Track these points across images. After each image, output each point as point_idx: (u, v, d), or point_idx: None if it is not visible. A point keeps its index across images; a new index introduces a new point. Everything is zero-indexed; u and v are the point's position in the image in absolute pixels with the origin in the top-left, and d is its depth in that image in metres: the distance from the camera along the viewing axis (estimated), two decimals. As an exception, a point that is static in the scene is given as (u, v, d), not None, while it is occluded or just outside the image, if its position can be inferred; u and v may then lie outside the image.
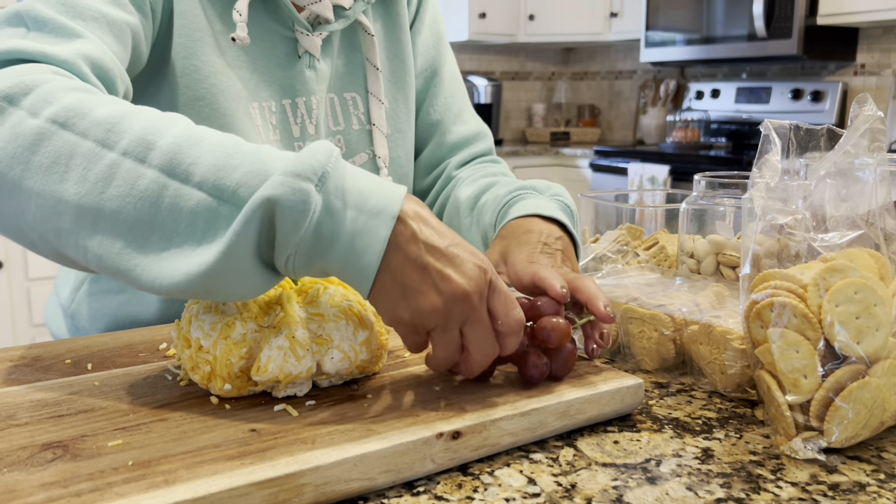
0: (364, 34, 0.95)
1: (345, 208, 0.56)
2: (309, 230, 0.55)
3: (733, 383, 0.68)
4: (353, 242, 0.56)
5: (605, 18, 4.00)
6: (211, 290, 0.57)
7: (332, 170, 0.56)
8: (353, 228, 0.56)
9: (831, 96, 3.28)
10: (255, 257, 0.56)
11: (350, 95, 0.96)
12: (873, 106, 0.61)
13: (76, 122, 0.59)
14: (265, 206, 0.54)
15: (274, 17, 0.88)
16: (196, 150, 0.57)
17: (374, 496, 0.53)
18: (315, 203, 0.55)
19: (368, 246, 0.56)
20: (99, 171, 0.57)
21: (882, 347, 0.57)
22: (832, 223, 0.61)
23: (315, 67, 0.92)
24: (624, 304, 0.76)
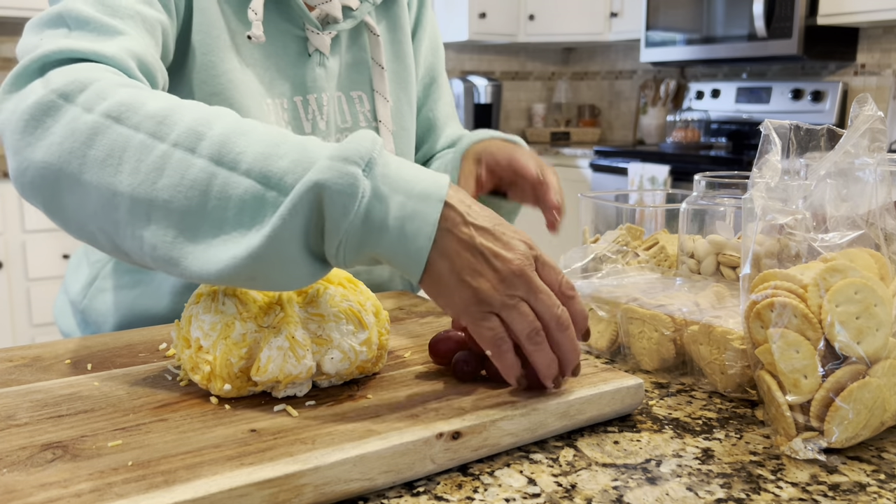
0: (370, 34, 0.98)
1: (393, 193, 0.57)
2: (358, 215, 0.56)
3: (733, 383, 0.68)
4: (404, 227, 0.57)
5: (605, 18, 4.00)
6: (256, 277, 0.57)
7: (377, 156, 0.57)
8: (403, 213, 0.57)
9: (831, 96, 3.28)
10: (303, 245, 0.57)
11: (356, 94, 0.99)
12: (873, 106, 0.61)
13: (129, 116, 0.60)
14: (313, 190, 0.55)
15: (286, 17, 0.91)
16: (244, 139, 0.59)
17: (374, 496, 0.53)
18: (363, 187, 0.56)
19: (419, 230, 0.57)
20: (151, 162, 0.59)
21: (882, 347, 0.57)
22: (832, 223, 0.61)
23: (325, 65, 0.94)
24: (624, 305, 0.76)
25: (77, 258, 1.03)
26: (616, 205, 0.98)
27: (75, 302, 0.98)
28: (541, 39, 4.14)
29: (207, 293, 0.63)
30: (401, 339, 0.77)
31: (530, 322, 0.59)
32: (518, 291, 0.59)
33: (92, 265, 0.97)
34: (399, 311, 0.88)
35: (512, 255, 0.59)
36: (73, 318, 1.01)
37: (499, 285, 0.58)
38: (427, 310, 0.88)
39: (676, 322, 0.72)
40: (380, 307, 0.67)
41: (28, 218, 2.76)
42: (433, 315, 0.86)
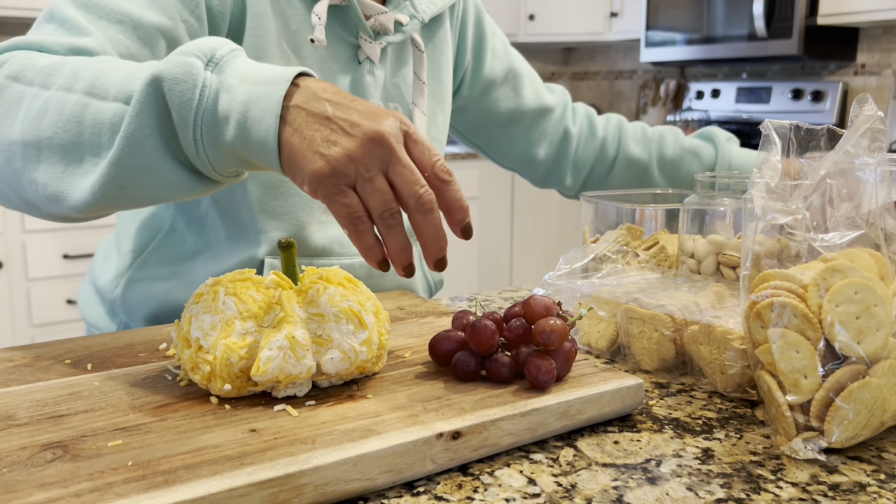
0: (415, 50, 1.02)
1: (241, 83, 0.57)
2: (206, 106, 0.57)
3: (733, 383, 0.68)
4: (248, 111, 0.57)
5: (605, 18, 4.00)
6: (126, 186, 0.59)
7: (225, 54, 0.59)
8: (248, 98, 0.57)
9: (831, 96, 3.28)
10: (161, 146, 0.59)
11: (393, 105, 1.02)
12: (873, 106, 0.61)
13: (24, 73, 0.65)
14: (153, 83, 0.57)
15: (342, 24, 0.94)
16: (116, 73, 0.61)
17: (374, 496, 0.53)
18: (204, 77, 0.57)
19: (264, 110, 0.56)
20: (37, 108, 0.63)
21: (882, 347, 0.57)
22: (832, 223, 0.61)
23: (374, 74, 0.98)
24: (624, 305, 0.76)
25: (105, 249, 1.04)
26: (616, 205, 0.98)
27: (104, 291, 0.99)
28: (541, 39, 4.14)
29: (208, 293, 0.63)
30: (401, 339, 0.77)
31: (385, 199, 0.56)
32: (375, 162, 0.55)
33: (123, 255, 0.98)
34: (399, 311, 0.88)
35: (370, 121, 0.55)
36: (100, 307, 1.02)
37: (355, 154, 0.55)
38: (427, 310, 0.88)
39: (676, 322, 0.72)
40: (380, 307, 0.67)
41: (28, 218, 2.76)
42: (433, 315, 0.86)
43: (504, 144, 1.23)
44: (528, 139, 1.22)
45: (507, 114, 1.19)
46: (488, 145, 1.24)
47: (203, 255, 0.94)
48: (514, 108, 1.19)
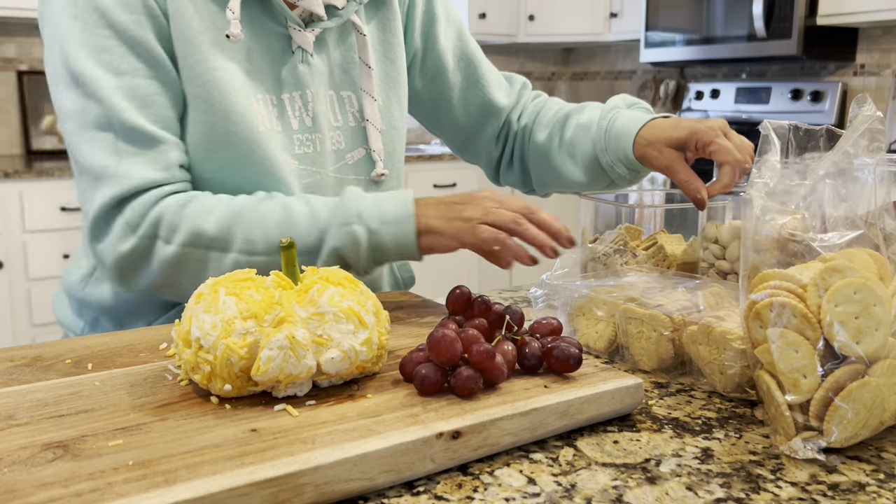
0: (357, 34, 0.99)
1: (381, 226, 0.85)
2: (366, 251, 0.85)
3: (733, 383, 0.68)
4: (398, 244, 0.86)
5: (604, 19, 4.00)
6: None
7: (363, 208, 0.85)
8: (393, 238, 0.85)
9: (831, 96, 3.28)
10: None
11: (346, 94, 1.01)
12: (872, 106, 0.61)
13: (198, 241, 0.85)
14: (334, 253, 0.85)
15: (268, 15, 0.93)
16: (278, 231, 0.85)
17: (374, 496, 0.53)
18: (361, 235, 0.85)
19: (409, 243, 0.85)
20: (227, 268, 0.84)
21: (881, 347, 0.57)
22: (831, 223, 0.61)
23: (308, 62, 0.96)
24: (622, 305, 0.76)
25: (76, 255, 1.06)
26: (615, 205, 0.98)
27: (73, 290, 1.01)
28: (540, 40, 4.14)
29: (208, 293, 0.63)
30: (401, 339, 0.77)
31: (508, 214, 0.83)
32: (489, 205, 0.84)
33: (91, 259, 1.00)
34: (399, 311, 0.88)
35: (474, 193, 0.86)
36: (69, 308, 1.04)
37: (473, 208, 0.84)
38: (427, 310, 0.88)
39: (675, 322, 0.72)
40: (380, 307, 0.67)
41: (29, 218, 2.76)
42: (433, 315, 0.86)
43: (451, 134, 1.20)
44: (475, 133, 1.19)
45: (455, 103, 1.15)
46: (440, 132, 1.21)
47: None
48: (463, 98, 1.15)
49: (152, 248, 0.85)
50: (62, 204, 2.81)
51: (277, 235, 0.84)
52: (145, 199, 0.85)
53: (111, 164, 0.85)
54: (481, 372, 0.62)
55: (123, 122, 0.85)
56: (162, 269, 0.86)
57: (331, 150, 0.98)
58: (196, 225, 0.84)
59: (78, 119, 0.86)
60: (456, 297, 0.73)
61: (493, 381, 0.63)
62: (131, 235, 0.85)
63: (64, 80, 0.86)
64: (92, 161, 0.85)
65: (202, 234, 0.84)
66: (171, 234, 0.84)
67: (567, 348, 0.65)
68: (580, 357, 0.65)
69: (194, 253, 0.85)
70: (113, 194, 0.84)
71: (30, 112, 3.25)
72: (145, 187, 0.85)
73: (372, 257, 0.86)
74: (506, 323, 0.70)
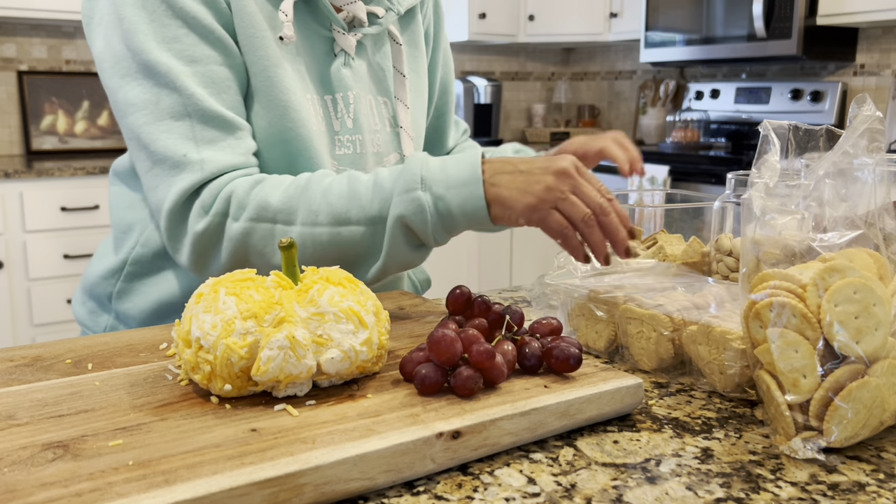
0: (392, 43, 1.03)
1: (446, 191, 0.80)
2: (434, 218, 0.81)
3: (732, 383, 0.68)
4: (464, 208, 0.80)
5: (605, 19, 4.00)
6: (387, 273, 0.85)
7: (426, 173, 0.81)
8: (460, 201, 0.80)
9: (831, 96, 3.28)
10: (408, 247, 0.83)
11: (382, 99, 1.04)
12: (872, 106, 0.61)
13: (263, 214, 0.84)
14: (399, 221, 0.81)
15: (313, 17, 0.95)
16: (342, 202, 0.83)
17: (374, 496, 0.53)
18: (427, 201, 0.80)
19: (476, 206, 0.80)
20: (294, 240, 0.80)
21: (881, 347, 0.57)
22: (831, 223, 0.61)
23: (350, 65, 0.98)
24: (622, 305, 0.76)
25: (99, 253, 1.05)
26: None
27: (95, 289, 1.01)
28: (541, 40, 4.14)
29: (208, 293, 0.63)
30: (401, 339, 0.77)
31: (581, 209, 0.77)
32: (566, 187, 0.77)
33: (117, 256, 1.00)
34: (399, 311, 0.88)
35: (554, 163, 0.78)
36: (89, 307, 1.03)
37: (551, 185, 0.77)
38: (427, 310, 0.88)
39: (675, 322, 0.72)
40: (380, 307, 0.67)
41: (29, 218, 2.76)
42: (433, 315, 0.86)
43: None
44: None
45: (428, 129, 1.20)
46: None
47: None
48: (431, 125, 1.20)
49: (223, 225, 0.85)
50: (62, 204, 2.81)
51: (340, 207, 0.83)
52: (221, 181, 0.86)
53: (190, 152, 0.85)
54: (481, 372, 0.62)
55: (201, 109, 0.85)
56: (230, 247, 0.85)
57: (371, 152, 1.00)
58: (262, 199, 0.84)
59: (150, 110, 0.85)
60: (456, 297, 0.74)
61: (493, 381, 0.63)
62: (204, 216, 0.85)
63: (131, 73, 0.85)
64: (169, 150, 0.85)
65: (268, 206, 0.84)
66: (240, 212, 0.84)
67: (567, 348, 0.65)
68: (580, 357, 0.65)
69: (260, 227, 0.84)
70: (193, 181, 0.84)
71: (30, 112, 3.25)
72: (223, 172, 0.86)
73: (441, 225, 0.81)
74: (506, 323, 0.70)
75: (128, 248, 0.98)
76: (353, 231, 0.83)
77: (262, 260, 0.85)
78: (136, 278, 0.98)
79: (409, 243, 0.82)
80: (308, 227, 0.83)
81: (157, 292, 0.97)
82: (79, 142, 3.35)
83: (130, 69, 0.85)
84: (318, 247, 0.83)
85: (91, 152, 3.38)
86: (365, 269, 0.85)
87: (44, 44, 3.29)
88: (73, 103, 3.33)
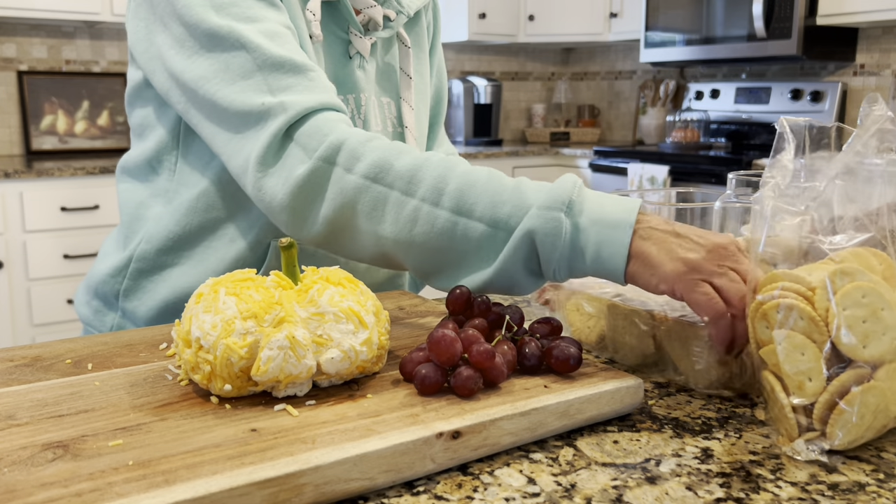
0: (401, 45, 1.04)
1: (591, 226, 0.70)
2: (565, 247, 0.70)
3: (705, 379, 0.69)
4: (601, 250, 0.69)
5: (604, 19, 4.00)
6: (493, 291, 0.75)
7: (576, 197, 0.71)
8: (599, 240, 0.69)
9: (831, 96, 3.28)
10: (524, 270, 0.73)
11: (385, 100, 1.04)
12: (883, 105, 0.61)
13: (383, 176, 0.77)
14: (528, 235, 0.71)
15: (332, 18, 0.96)
16: (473, 191, 0.74)
17: (374, 496, 0.53)
18: (565, 226, 0.70)
19: (614, 253, 0.69)
20: (406, 215, 0.76)
21: (888, 352, 0.56)
22: (840, 224, 0.61)
23: (364, 68, 1.00)
24: (608, 301, 0.77)
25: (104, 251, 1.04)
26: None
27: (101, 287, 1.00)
28: (541, 40, 4.14)
29: (208, 293, 0.63)
30: (401, 339, 0.77)
31: (740, 287, 0.65)
32: (727, 262, 0.66)
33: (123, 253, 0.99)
34: (399, 311, 0.88)
35: (716, 237, 0.67)
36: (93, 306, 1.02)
37: (708, 256, 0.66)
38: (427, 310, 0.88)
39: (655, 318, 0.73)
40: (380, 307, 0.67)
41: (29, 218, 2.76)
42: (433, 315, 0.86)
43: None
44: None
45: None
46: None
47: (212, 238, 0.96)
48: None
49: (329, 174, 0.78)
50: (62, 204, 2.81)
51: (469, 196, 0.74)
52: (317, 122, 0.80)
53: (268, 100, 0.81)
54: (481, 372, 0.62)
55: (269, 58, 0.82)
56: (339, 200, 0.77)
57: None
58: (383, 158, 0.77)
59: (220, 77, 0.83)
60: (456, 297, 0.73)
61: (493, 381, 0.63)
62: (307, 159, 0.78)
63: (196, 50, 0.84)
64: (246, 104, 0.81)
65: (390, 168, 0.76)
66: (354, 163, 0.77)
67: (567, 348, 0.65)
68: (580, 357, 0.65)
69: (374, 188, 0.76)
70: (279, 124, 0.79)
71: (30, 112, 3.25)
72: (311, 110, 0.81)
73: (568, 260, 0.71)
74: (506, 323, 0.70)
75: (134, 243, 0.97)
76: (472, 228, 0.74)
77: (368, 224, 0.77)
78: (143, 275, 0.97)
79: (526, 265, 0.73)
80: (427, 206, 0.75)
81: (164, 290, 0.96)
82: (79, 142, 3.35)
83: (194, 47, 0.84)
84: (428, 229, 0.75)
85: (91, 152, 3.38)
86: (467, 274, 0.76)
87: (44, 44, 3.29)
88: (72, 103, 3.33)
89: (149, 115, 0.96)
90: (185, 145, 0.94)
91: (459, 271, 0.76)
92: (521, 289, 0.75)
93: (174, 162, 0.95)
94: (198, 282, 0.95)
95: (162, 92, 0.90)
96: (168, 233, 0.95)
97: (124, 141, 3.43)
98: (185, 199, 0.94)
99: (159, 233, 0.95)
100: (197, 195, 0.93)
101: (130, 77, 0.98)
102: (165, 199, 0.96)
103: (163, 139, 0.95)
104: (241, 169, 0.83)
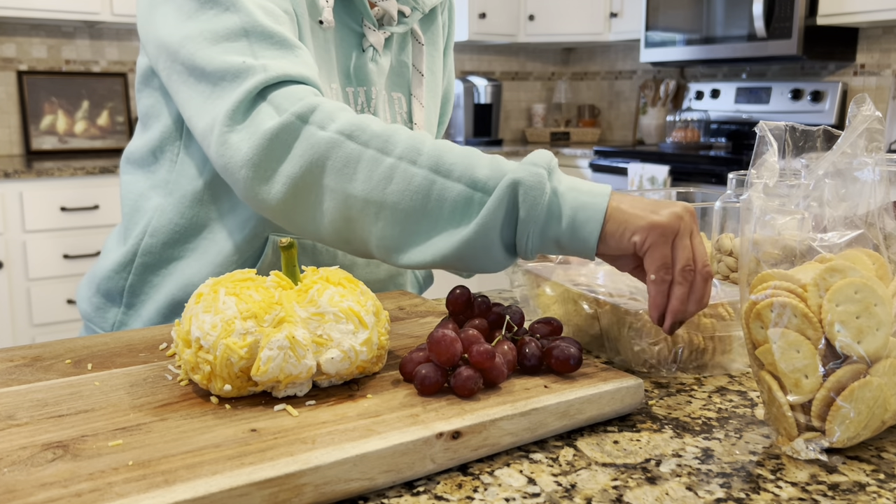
0: (414, 42, 1.05)
1: (568, 191, 0.70)
2: (543, 207, 0.69)
3: (640, 360, 0.74)
4: (577, 214, 0.69)
5: (605, 18, 4.00)
6: (462, 260, 0.72)
7: (554, 166, 0.72)
8: (577, 204, 0.70)
9: (831, 96, 3.28)
10: (499, 235, 0.71)
11: (396, 95, 1.05)
12: (871, 106, 0.61)
13: (358, 134, 0.74)
14: (512, 186, 0.69)
15: (346, 11, 0.97)
16: (451, 154, 0.73)
17: (374, 496, 0.53)
18: (546, 184, 0.70)
19: (590, 217, 0.69)
20: (381, 172, 0.73)
21: (883, 347, 0.57)
22: (831, 223, 0.61)
23: (377, 61, 1.00)
24: (563, 286, 0.83)
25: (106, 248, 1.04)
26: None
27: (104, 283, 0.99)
28: (541, 39, 4.14)
29: (208, 293, 0.63)
30: (401, 339, 0.77)
31: (688, 257, 0.67)
32: (690, 227, 0.68)
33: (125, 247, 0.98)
34: (399, 311, 0.88)
35: (674, 206, 0.69)
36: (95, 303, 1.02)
37: (681, 215, 0.68)
38: (427, 310, 0.88)
39: (599, 303, 0.77)
40: (380, 307, 0.67)
41: (28, 218, 2.76)
42: (433, 315, 0.86)
43: None
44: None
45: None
46: None
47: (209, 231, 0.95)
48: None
49: (300, 131, 0.75)
50: (62, 204, 2.81)
51: (447, 159, 0.72)
52: (294, 89, 0.78)
53: (248, 60, 0.79)
54: (481, 372, 0.62)
55: (259, 26, 0.81)
56: (308, 154, 0.74)
57: None
58: (359, 120, 0.75)
59: (205, 37, 0.81)
60: (456, 297, 0.73)
61: (493, 381, 0.63)
62: (277, 116, 0.76)
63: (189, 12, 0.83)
64: (225, 62, 0.79)
65: (365, 129, 0.74)
66: (328, 122, 0.75)
67: (567, 348, 0.65)
68: (580, 357, 0.65)
69: (348, 145, 0.74)
70: (256, 83, 0.77)
71: (30, 112, 3.25)
72: (290, 79, 0.79)
73: (544, 224, 0.70)
74: (506, 323, 0.70)
75: (136, 236, 0.96)
76: (450, 187, 0.71)
77: (336, 182, 0.74)
78: (149, 271, 0.97)
79: (503, 230, 0.70)
80: (404, 163, 0.72)
81: (170, 287, 0.96)
82: (78, 142, 3.35)
83: (190, 11, 0.83)
84: (403, 187, 0.72)
85: (91, 152, 3.38)
86: (441, 236, 0.72)
87: (44, 44, 3.29)
88: (72, 103, 3.33)
89: (155, 104, 0.96)
90: (188, 135, 0.94)
91: (433, 234, 0.73)
92: (490, 259, 0.72)
93: (176, 152, 0.95)
94: (201, 275, 0.94)
95: (153, 62, 0.88)
96: (174, 225, 0.94)
97: (124, 141, 3.43)
98: (187, 190, 0.93)
99: (164, 226, 0.95)
100: (200, 186, 0.93)
101: (139, 64, 0.98)
102: (165, 190, 0.95)
103: (167, 128, 0.95)
104: (207, 128, 0.79)
